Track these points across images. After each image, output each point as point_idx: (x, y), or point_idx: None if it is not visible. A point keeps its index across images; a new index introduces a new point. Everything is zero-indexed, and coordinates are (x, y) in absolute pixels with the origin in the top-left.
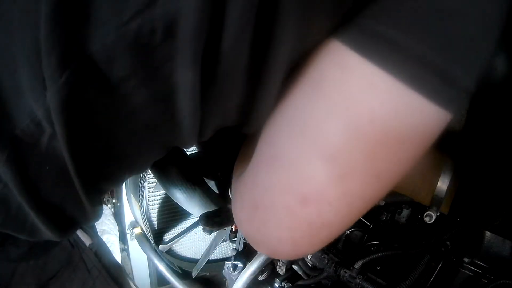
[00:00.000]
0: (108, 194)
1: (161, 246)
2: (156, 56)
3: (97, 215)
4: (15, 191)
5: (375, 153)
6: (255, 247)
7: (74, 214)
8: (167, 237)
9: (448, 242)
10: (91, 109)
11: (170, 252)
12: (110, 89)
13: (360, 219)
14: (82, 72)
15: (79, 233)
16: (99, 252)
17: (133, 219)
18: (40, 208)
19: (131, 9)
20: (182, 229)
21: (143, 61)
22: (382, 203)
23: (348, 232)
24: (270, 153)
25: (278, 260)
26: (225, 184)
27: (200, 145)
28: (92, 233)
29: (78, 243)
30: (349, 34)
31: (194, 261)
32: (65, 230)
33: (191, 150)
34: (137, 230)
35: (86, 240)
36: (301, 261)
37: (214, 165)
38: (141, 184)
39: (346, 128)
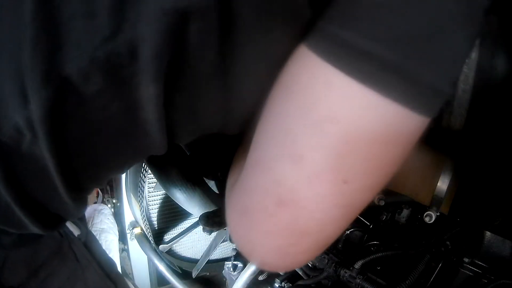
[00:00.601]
0: (108, 194)
1: (161, 246)
2: (123, 74)
3: (80, 211)
4: (2, 189)
5: (340, 156)
6: (248, 259)
7: (58, 211)
8: (167, 237)
9: (448, 242)
10: (70, 119)
11: (170, 252)
12: (85, 102)
13: (360, 219)
14: (61, 89)
15: (68, 223)
16: (88, 242)
17: (133, 219)
18: (24, 204)
19: (99, 38)
20: (182, 229)
21: (113, 79)
22: (382, 203)
23: (348, 232)
24: (253, 157)
25: None
26: (225, 184)
27: (188, 147)
28: (80, 223)
29: (67, 233)
30: (312, 39)
31: (194, 261)
32: (49, 225)
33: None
34: (137, 230)
35: (74, 230)
36: None
37: (214, 165)
38: (141, 184)
39: (310, 129)
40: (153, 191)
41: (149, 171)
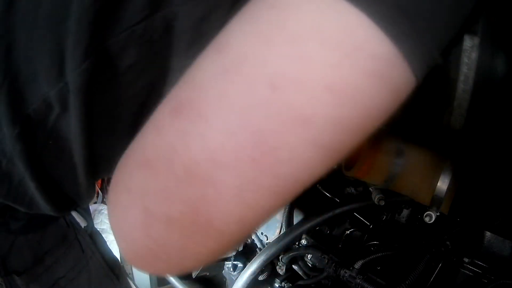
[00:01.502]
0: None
1: None
2: (156, 47)
3: (90, 196)
4: (21, 163)
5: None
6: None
7: (71, 191)
8: None
9: (448, 242)
10: (103, 90)
11: None
12: (119, 74)
13: (360, 219)
14: (99, 61)
15: (75, 215)
16: (94, 235)
17: None
18: (40, 180)
19: (138, 15)
20: None
21: (146, 51)
22: (382, 203)
23: (348, 232)
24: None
25: (278, 260)
26: None
27: None
28: (87, 216)
29: (74, 223)
30: None
31: None
32: (61, 206)
33: None
34: None
35: (81, 222)
36: (301, 261)
37: None
38: None
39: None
40: None
41: None
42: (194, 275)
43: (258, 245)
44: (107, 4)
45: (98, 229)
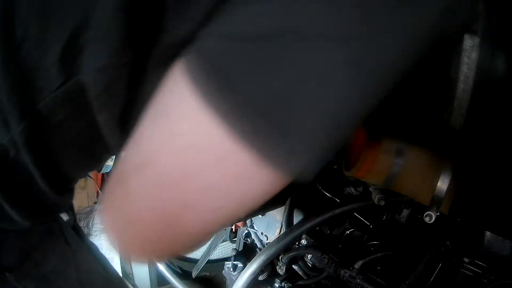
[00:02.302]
0: None
1: None
2: (79, 104)
3: (69, 201)
4: None
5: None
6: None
7: (45, 206)
8: None
9: (448, 242)
10: (43, 140)
11: None
12: (53, 128)
13: (360, 219)
14: (35, 121)
15: None
16: (77, 228)
17: None
18: (14, 202)
19: (56, 82)
20: None
21: (72, 108)
22: (382, 203)
23: (348, 232)
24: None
25: (278, 260)
26: None
27: None
28: (68, 209)
29: (57, 218)
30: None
31: (194, 261)
32: (39, 219)
33: None
34: None
35: (63, 215)
36: (301, 261)
37: None
38: None
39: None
40: None
41: None
42: (194, 275)
43: (258, 245)
44: (26, 74)
45: (98, 229)
